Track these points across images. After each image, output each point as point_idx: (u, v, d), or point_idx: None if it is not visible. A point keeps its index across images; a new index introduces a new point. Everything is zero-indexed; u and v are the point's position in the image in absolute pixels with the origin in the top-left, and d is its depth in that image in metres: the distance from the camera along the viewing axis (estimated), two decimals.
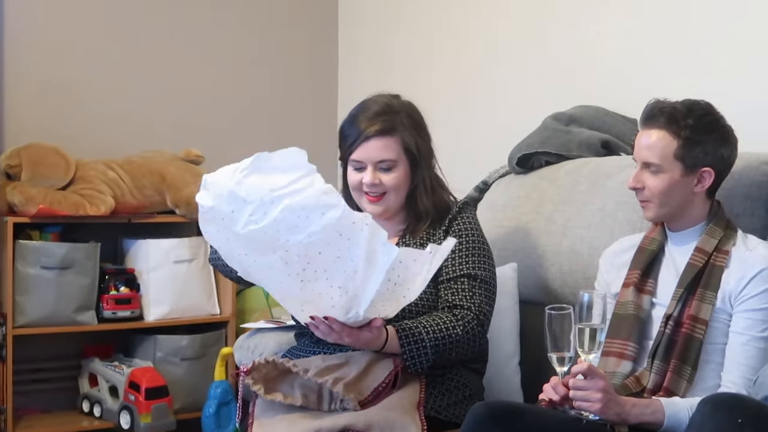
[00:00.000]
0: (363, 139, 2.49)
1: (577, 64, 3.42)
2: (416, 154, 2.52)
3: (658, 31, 3.17)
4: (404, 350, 2.34)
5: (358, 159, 2.51)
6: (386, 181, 2.50)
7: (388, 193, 2.52)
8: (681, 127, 2.27)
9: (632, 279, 2.39)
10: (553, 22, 3.53)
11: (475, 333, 2.43)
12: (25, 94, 3.88)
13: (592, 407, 2.10)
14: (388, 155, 2.49)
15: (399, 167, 2.51)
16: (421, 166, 2.54)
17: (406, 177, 2.52)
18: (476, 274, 2.49)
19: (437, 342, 2.36)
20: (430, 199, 2.56)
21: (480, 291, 2.48)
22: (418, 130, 2.54)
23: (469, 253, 2.52)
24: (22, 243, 3.59)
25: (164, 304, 3.82)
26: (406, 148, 2.50)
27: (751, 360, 2.22)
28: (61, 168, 3.69)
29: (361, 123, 2.51)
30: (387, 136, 2.49)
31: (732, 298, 2.27)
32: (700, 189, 2.31)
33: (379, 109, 2.51)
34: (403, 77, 4.10)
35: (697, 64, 3.04)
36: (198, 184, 2.30)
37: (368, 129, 2.49)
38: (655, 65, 3.16)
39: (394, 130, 2.50)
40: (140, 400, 3.59)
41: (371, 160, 2.50)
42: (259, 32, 4.37)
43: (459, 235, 2.54)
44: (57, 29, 3.96)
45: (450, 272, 2.50)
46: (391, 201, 2.53)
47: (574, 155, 3.04)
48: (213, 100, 4.27)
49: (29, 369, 3.79)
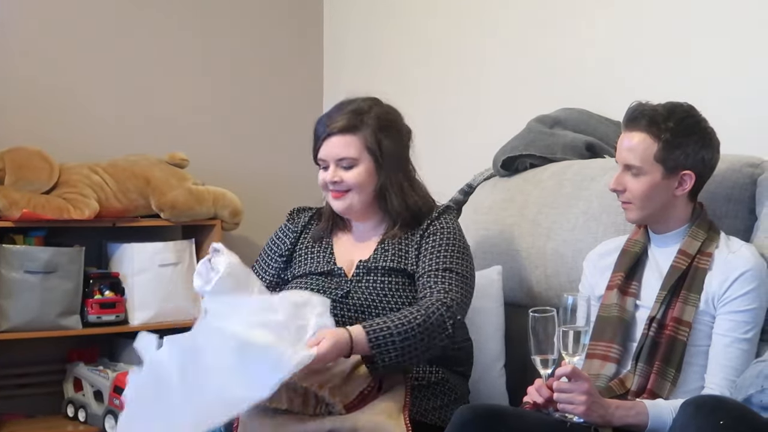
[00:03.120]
0: (325, 136, 2.53)
1: (562, 67, 3.43)
2: (379, 155, 2.52)
3: (643, 33, 3.18)
4: (372, 345, 2.28)
5: (322, 157, 2.55)
6: (347, 178, 2.52)
7: (351, 191, 2.53)
8: (661, 129, 2.28)
9: (616, 281, 2.40)
10: (538, 25, 3.53)
11: (443, 317, 2.36)
12: (8, 97, 3.86)
13: (576, 409, 2.10)
14: (347, 153, 2.51)
15: (360, 165, 2.52)
16: (386, 167, 2.53)
17: (368, 176, 2.52)
18: (450, 267, 2.48)
19: (404, 331, 2.29)
20: (399, 200, 2.55)
21: (456, 283, 2.46)
22: (386, 132, 2.54)
23: (443, 249, 2.51)
24: (6, 247, 3.57)
25: (149, 308, 3.80)
26: (368, 147, 2.51)
27: (734, 361, 2.23)
28: (45, 172, 3.68)
29: (326, 121, 2.54)
30: (348, 134, 2.51)
31: (715, 300, 2.28)
32: (681, 191, 2.32)
33: (347, 109, 2.54)
34: (388, 79, 4.10)
35: (680, 67, 3.05)
36: (183, 188, 2.30)
37: (331, 126, 2.52)
38: (639, 68, 3.17)
39: (356, 129, 2.51)
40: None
41: (332, 158, 2.52)
42: (243, 34, 4.36)
43: (437, 232, 2.54)
44: (42, 33, 3.94)
45: (426, 267, 2.49)
46: (355, 198, 2.54)
47: (559, 158, 3.05)
48: (198, 103, 4.26)
49: (13, 374, 3.77)
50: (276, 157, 4.36)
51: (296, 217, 2.72)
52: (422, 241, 2.54)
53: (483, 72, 3.76)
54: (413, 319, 2.33)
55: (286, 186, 4.20)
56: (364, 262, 2.55)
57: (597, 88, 3.28)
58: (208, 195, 3.92)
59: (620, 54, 3.24)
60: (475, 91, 3.78)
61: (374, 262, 2.54)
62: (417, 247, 2.54)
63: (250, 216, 4.05)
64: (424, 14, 4.02)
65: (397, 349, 2.30)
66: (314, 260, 2.62)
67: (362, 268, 2.55)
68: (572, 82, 3.38)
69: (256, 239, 3.97)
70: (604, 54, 3.29)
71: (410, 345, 2.32)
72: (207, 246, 3.91)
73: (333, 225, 2.65)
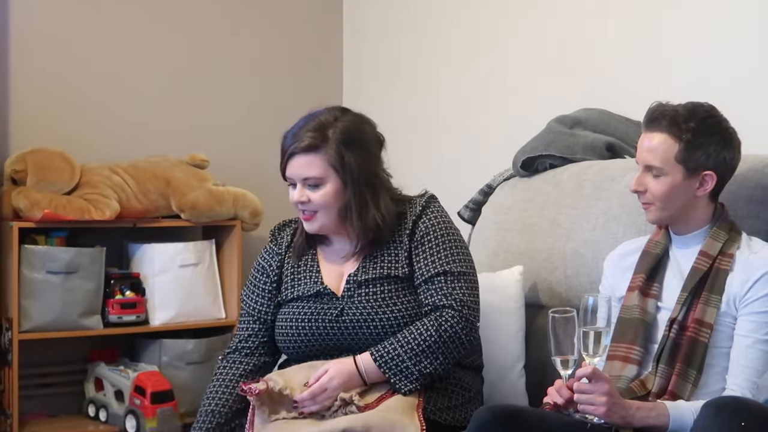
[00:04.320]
0: (289, 156, 2.45)
1: (582, 67, 3.42)
2: (344, 171, 2.43)
3: (663, 33, 3.17)
4: (387, 375, 2.33)
5: (288, 176, 2.47)
6: (314, 198, 2.44)
7: (319, 212, 2.46)
8: (682, 130, 2.27)
9: (637, 283, 2.39)
10: (557, 25, 3.53)
11: (457, 330, 2.37)
12: (30, 98, 3.88)
13: (596, 410, 2.10)
14: (312, 172, 2.43)
15: (327, 184, 2.43)
16: (352, 184, 2.44)
17: (335, 194, 2.44)
18: (450, 269, 2.43)
19: (415, 354, 2.33)
20: (358, 221, 2.46)
21: (459, 284, 2.43)
22: (351, 147, 2.43)
23: (439, 249, 2.46)
24: (28, 248, 3.60)
25: (170, 308, 3.82)
26: (332, 165, 2.42)
27: (756, 363, 2.21)
28: (66, 173, 3.70)
29: (289, 140, 2.46)
30: (311, 153, 2.42)
31: (736, 301, 2.27)
32: (702, 192, 2.31)
33: (310, 125, 2.45)
34: (406, 80, 4.11)
35: (701, 67, 3.04)
36: (203, 188, 2.31)
37: (293, 146, 2.44)
38: (660, 68, 3.16)
39: (318, 148, 2.42)
40: (146, 405, 3.59)
41: (298, 177, 2.45)
42: (263, 35, 4.37)
43: (425, 233, 2.47)
44: (63, 34, 3.96)
45: (424, 273, 2.45)
46: (324, 219, 2.46)
47: (579, 158, 3.04)
48: (218, 104, 4.27)
49: (35, 374, 3.79)
50: None
51: (278, 236, 2.64)
52: (412, 245, 2.48)
53: (502, 72, 3.75)
54: (423, 341, 2.35)
55: None
56: (353, 275, 2.49)
57: (617, 89, 3.27)
58: (228, 196, 3.94)
59: (641, 54, 3.23)
60: (495, 92, 3.78)
61: (364, 275, 2.47)
62: (407, 249, 2.48)
63: (271, 216, 4.05)
64: (444, 15, 4.01)
65: (414, 373, 2.33)
66: (301, 282, 2.54)
67: (352, 282, 2.48)
68: (592, 82, 3.37)
69: None
70: (625, 54, 3.28)
71: (426, 365, 2.34)
72: (227, 246, 3.97)
73: (314, 238, 2.57)
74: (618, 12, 3.31)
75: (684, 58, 3.09)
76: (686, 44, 3.09)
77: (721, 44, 2.98)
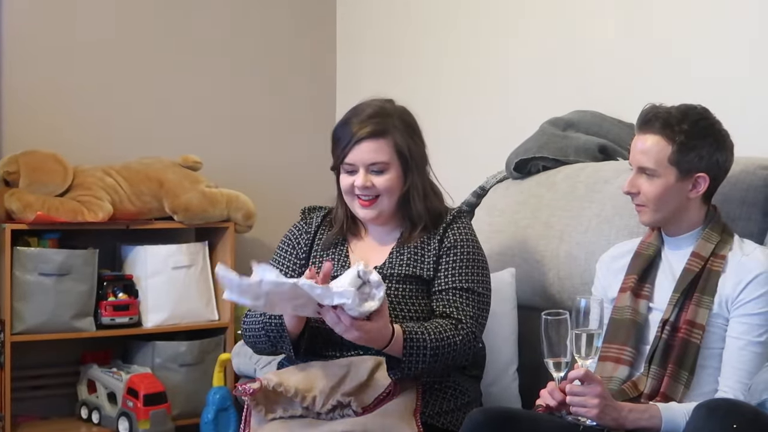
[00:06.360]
0: (355, 142, 2.48)
1: (575, 69, 3.43)
2: (408, 157, 2.50)
3: (656, 35, 3.17)
4: (405, 352, 2.32)
5: (351, 162, 2.49)
6: (378, 183, 2.48)
7: (381, 197, 2.50)
8: (675, 132, 2.27)
9: (629, 284, 2.39)
10: (552, 28, 3.53)
11: (470, 344, 2.43)
12: (23, 100, 3.88)
13: (589, 413, 2.10)
14: (379, 157, 2.48)
15: (391, 170, 2.49)
16: (414, 170, 2.52)
17: (398, 180, 2.50)
18: (470, 287, 2.48)
19: (437, 347, 2.35)
20: (422, 203, 2.54)
21: (474, 304, 2.47)
22: (411, 134, 2.52)
23: (463, 265, 2.50)
24: (20, 250, 3.59)
25: (162, 310, 3.82)
26: (399, 150, 2.48)
27: (748, 365, 2.22)
28: (59, 174, 3.69)
29: (353, 126, 2.49)
30: (379, 138, 2.48)
31: (729, 302, 2.27)
32: (695, 194, 2.31)
33: (372, 112, 2.50)
34: (401, 80, 4.10)
35: (694, 69, 3.04)
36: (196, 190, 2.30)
37: (360, 131, 2.47)
38: (653, 70, 3.17)
39: (386, 132, 2.48)
40: (139, 407, 3.58)
41: (363, 163, 2.48)
42: (257, 37, 4.37)
43: (453, 245, 2.51)
44: (56, 36, 3.96)
45: (443, 283, 2.48)
46: (384, 205, 2.51)
47: (572, 160, 3.05)
48: (211, 106, 4.27)
49: (27, 376, 3.78)
50: (289, 159, 4.37)
51: (308, 216, 2.68)
52: (441, 251, 2.51)
53: (496, 75, 3.75)
54: (447, 338, 2.37)
55: (299, 189, 4.20)
56: (380, 268, 2.51)
57: (610, 91, 3.27)
58: (221, 197, 3.93)
59: (634, 56, 3.23)
60: (487, 94, 3.78)
61: (390, 269, 2.51)
62: (435, 254, 2.51)
63: (264, 218, 4.05)
64: (439, 16, 4.02)
65: (426, 362, 2.34)
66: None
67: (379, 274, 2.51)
68: (585, 84, 3.38)
69: (269, 242, 3.98)
70: (618, 56, 3.28)
71: (437, 360, 2.36)
72: (220, 248, 3.97)
73: (346, 230, 2.61)
74: (612, 14, 3.32)
75: (677, 61, 3.09)
76: (679, 47, 3.10)
77: (714, 47, 2.99)
